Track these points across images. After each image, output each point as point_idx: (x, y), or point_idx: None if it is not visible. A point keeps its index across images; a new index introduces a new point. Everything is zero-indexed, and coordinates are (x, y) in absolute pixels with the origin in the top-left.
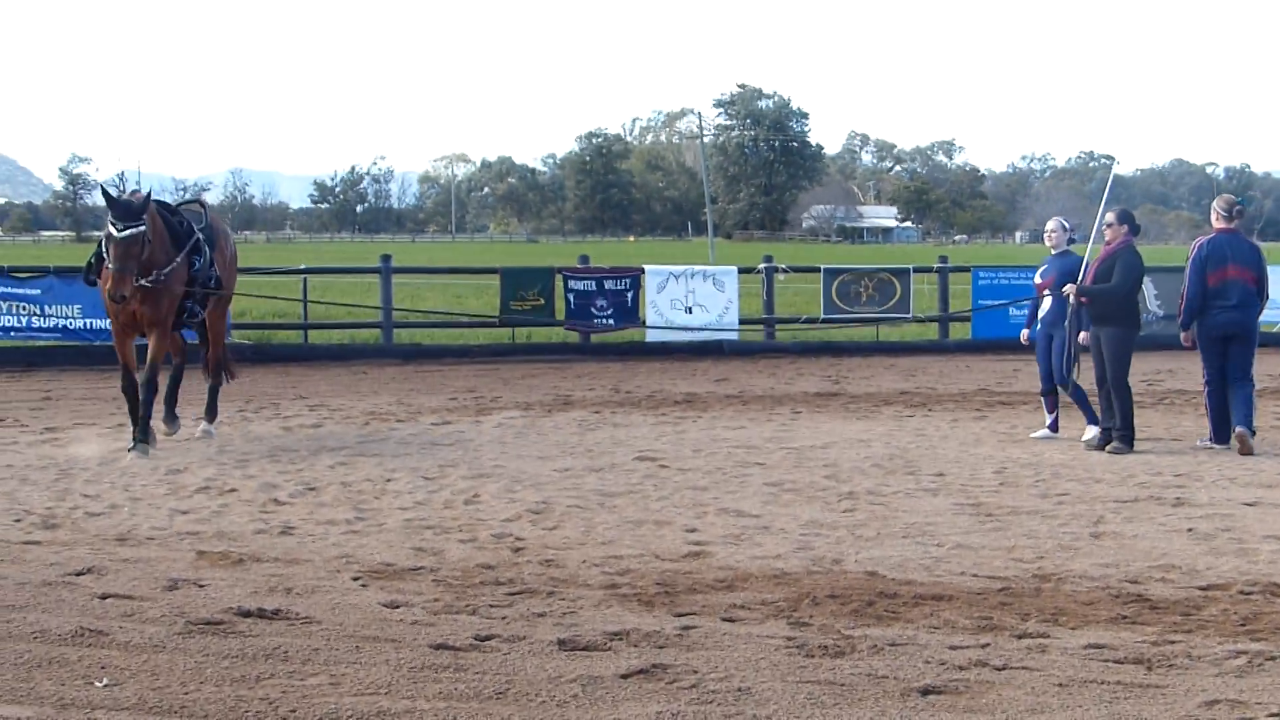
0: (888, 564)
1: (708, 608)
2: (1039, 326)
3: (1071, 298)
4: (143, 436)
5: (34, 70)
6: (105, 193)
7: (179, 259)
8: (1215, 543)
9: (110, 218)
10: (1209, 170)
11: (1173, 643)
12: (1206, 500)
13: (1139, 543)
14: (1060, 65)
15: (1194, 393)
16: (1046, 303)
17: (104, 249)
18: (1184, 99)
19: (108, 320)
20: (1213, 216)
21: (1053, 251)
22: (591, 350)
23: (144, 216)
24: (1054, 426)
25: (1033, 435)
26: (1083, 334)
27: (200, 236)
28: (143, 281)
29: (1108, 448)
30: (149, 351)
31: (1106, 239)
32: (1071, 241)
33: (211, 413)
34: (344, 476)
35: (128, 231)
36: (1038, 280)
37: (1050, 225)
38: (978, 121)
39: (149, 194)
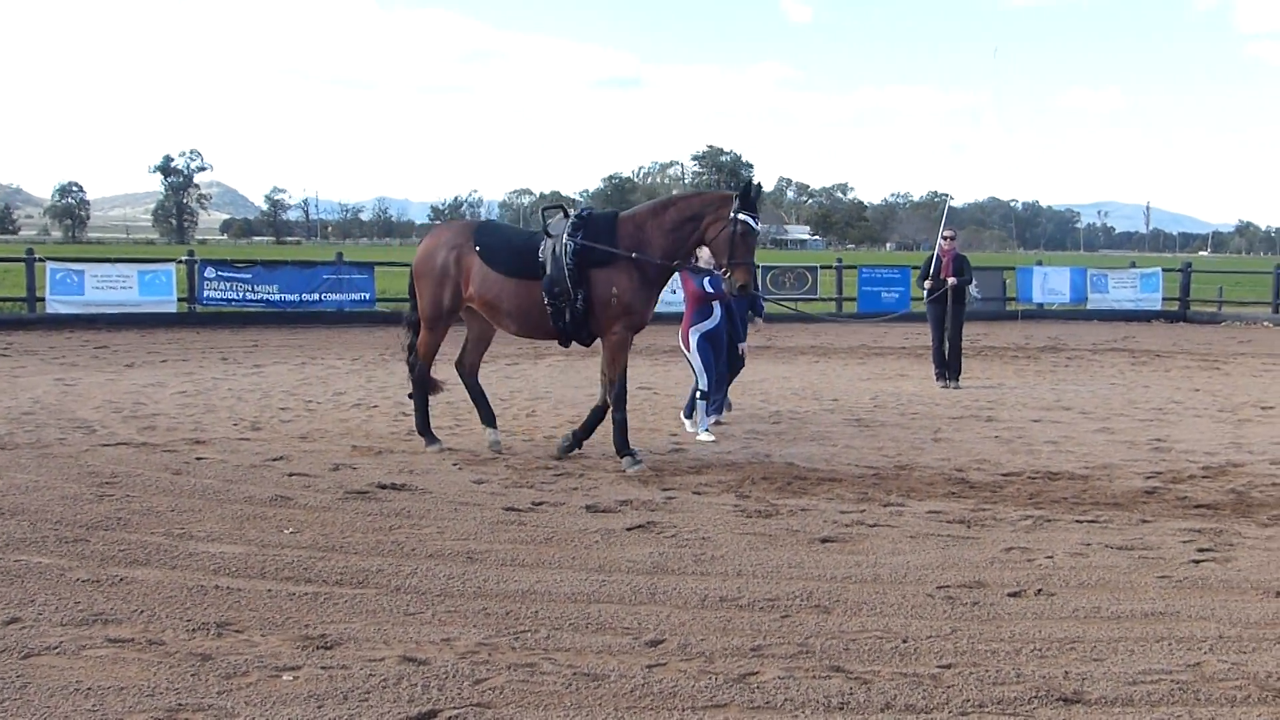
0: (800, 457)
1: (684, 485)
2: (703, 332)
3: (947, 284)
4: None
5: (244, 118)
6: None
7: None
8: (1012, 445)
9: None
10: (1011, 203)
11: (984, 510)
12: (1007, 418)
13: (963, 445)
14: (915, 131)
15: (1003, 348)
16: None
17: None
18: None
19: (297, 295)
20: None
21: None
22: None
23: None
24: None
25: (699, 436)
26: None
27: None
28: None
29: (950, 384)
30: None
31: (945, 247)
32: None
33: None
34: (447, 398)
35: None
36: (709, 290)
37: (704, 254)
38: (864, 169)
39: None
